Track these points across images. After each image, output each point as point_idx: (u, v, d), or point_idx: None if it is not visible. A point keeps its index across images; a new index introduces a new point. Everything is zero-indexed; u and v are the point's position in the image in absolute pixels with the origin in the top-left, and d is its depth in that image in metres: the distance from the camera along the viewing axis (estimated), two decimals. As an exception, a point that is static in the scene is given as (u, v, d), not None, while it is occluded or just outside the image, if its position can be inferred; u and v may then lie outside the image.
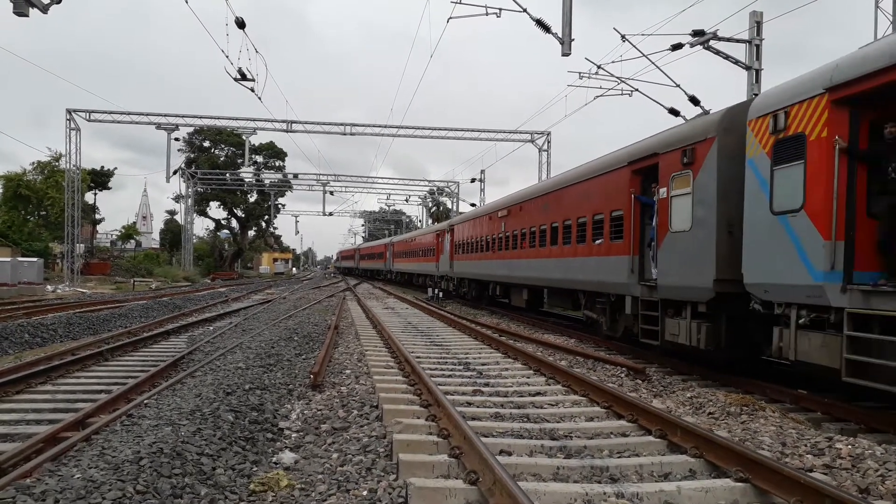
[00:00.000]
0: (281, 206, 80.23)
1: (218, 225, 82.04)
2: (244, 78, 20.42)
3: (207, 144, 71.62)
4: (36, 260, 39.37)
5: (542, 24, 16.04)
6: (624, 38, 14.91)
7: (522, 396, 8.03)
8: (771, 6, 18.60)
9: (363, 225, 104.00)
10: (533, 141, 40.17)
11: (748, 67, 16.39)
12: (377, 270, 63.12)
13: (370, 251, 70.63)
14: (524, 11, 16.27)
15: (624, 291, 12.07)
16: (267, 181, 68.83)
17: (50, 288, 34.85)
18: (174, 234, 77.26)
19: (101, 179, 64.25)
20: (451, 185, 58.11)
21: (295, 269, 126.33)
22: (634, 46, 14.83)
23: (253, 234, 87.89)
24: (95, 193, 65.57)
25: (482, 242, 24.15)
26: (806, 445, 6.10)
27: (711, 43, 15.96)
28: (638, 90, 16.61)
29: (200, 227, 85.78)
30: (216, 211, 77.47)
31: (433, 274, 34.86)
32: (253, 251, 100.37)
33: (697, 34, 15.88)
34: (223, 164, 69.02)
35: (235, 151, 69.34)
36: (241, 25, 17.40)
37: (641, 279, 11.55)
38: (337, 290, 38.84)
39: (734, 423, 7.16)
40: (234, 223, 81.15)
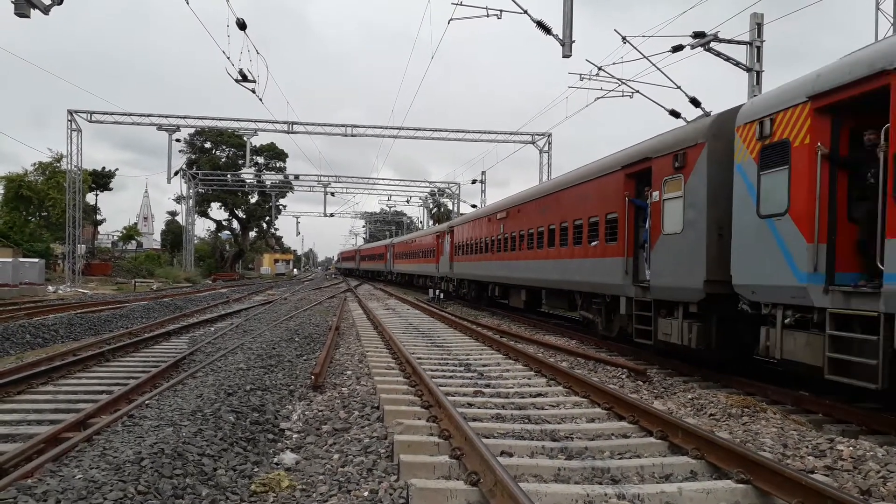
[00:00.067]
0: (282, 207, 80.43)
1: (219, 226, 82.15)
2: (245, 79, 20.44)
3: (208, 145, 71.70)
4: (37, 261, 39.34)
5: (542, 25, 16.05)
6: (625, 39, 14.91)
7: (523, 398, 8.03)
8: (772, 8, 18.64)
9: (364, 226, 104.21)
10: (534, 142, 40.20)
11: (749, 69, 16.42)
12: (378, 271, 63.17)
13: (371, 252, 70.71)
14: (525, 13, 16.28)
15: (619, 292, 12.24)
16: (268, 182, 68.99)
17: (51, 289, 34.86)
18: (175, 234, 77.32)
19: (102, 180, 64.31)
20: (452, 186, 58.19)
21: (296, 270, 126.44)
22: (635, 48, 14.82)
23: (254, 235, 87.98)
24: (97, 194, 65.68)
25: (481, 244, 24.26)
26: (807, 447, 6.10)
27: (712, 45, 15.97)
28: (639, 92, 16.60)
29: (201, 228, 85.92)
30: (217, 212, 77.68)
31: (433, 275, 34.90)
32: (254, 252, 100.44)
33: (698, 36, 15.90)
34: (224, 165, 69.11)
35: (236, 152, 69.43)
36: (241, 26, 17.40)
37: (635, 280, 11.72)
38: (338, 291, 38.87)
39: (735, 424, 7.17)
40: (235, 224, 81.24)
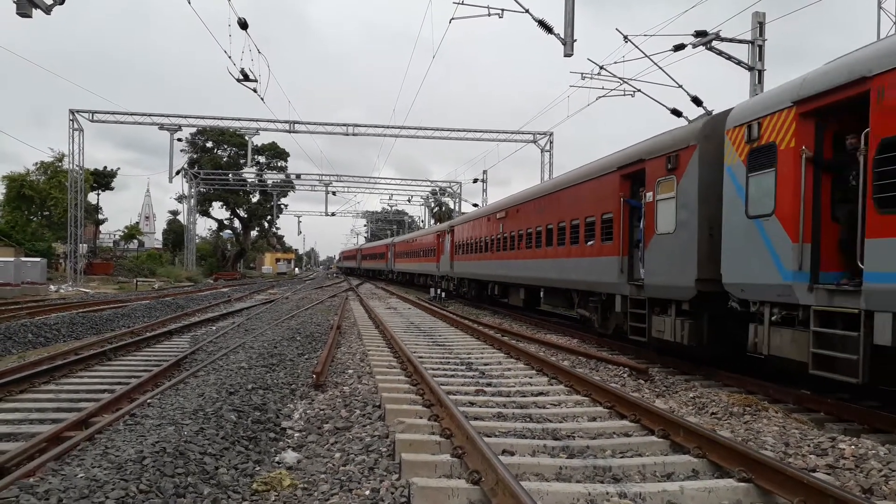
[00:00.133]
0: (283, 206, 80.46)
1: (220, 225, 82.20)
2: (247, 78, 20.44)
3: (210, 145, 71.73)
4: (39, 260, 39.41)
5: (544, 24, 16.04)
6: (626, 38, 14.90)
7: (525, 396, 8.03)
8: (773, 7, 18.60)
9: (365, 225, 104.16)
10: (535, 141, 40.15)
11: (751, 68, 16.39)
12: (379, 270, 63.19)
13: (372, 251, 70.74)
14: (526, 12, 16.26)
15: (614, 290, 12.46)
16: (269, 181, 69.00)
17: (53, 288, 34.92)
18: (177, 234, 77.42)
19: (103, 180, 64.45)
20: (453, 185, 58.21)
21: (297, 269, 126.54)
22: (637, 47, 14.82)
23: (255, 234, 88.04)
24: (98, 194, 65.80)
25: (481, 243, 24.40)
26: (809, 446, 6.10)
27: (714, 44, 15.96)
28: (640, 91, 16.61)
29: (203, 227, 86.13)
30: (219, 211, 77.70)
31: (434, 274, 34.93)
32: (255, 251, 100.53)
33: (700, 35, 15.88)
34: (226, 164, 69.11)
35: (238, 152, 69.43)
36: (243, 26, 17.38)
37: (630, 279, 11.92)
38: (339, 290, 38.88)
39: (737, 423, 7.16)
40: (236, 223, 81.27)
